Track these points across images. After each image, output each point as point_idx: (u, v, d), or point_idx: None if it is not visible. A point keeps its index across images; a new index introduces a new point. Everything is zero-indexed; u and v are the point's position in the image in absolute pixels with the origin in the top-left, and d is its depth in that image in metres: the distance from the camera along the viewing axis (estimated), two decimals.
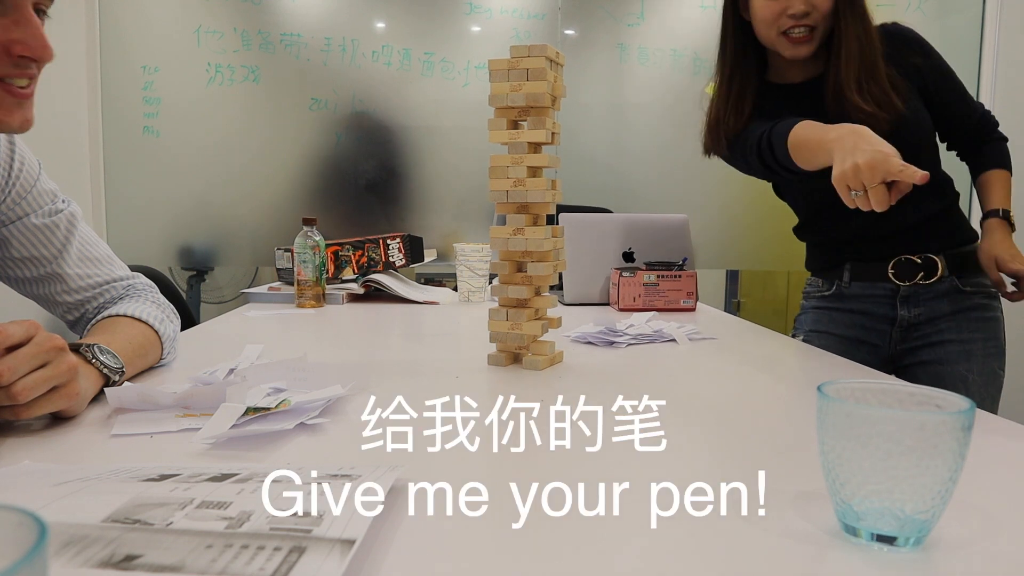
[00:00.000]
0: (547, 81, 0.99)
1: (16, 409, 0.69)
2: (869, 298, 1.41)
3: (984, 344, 1.37)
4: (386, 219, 2.79)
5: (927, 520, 0.46)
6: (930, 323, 1.38)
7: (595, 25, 2.83)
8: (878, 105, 1.28)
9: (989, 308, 1.38)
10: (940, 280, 1.37)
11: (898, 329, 1.40)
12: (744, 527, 0.51)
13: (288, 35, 2.69)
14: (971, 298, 1.37)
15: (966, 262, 1.38)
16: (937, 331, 1.38)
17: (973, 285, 1.37)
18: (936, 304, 1.38)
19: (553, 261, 1.05)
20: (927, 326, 1.39)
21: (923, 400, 0.50)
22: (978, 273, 1.38)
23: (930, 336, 1.39)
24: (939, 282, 1.37)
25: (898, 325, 1.40)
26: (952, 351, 1.37)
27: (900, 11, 2.93)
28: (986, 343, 1.37)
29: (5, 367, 0.66)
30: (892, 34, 1.38)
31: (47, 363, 0.70)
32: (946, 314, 1.38)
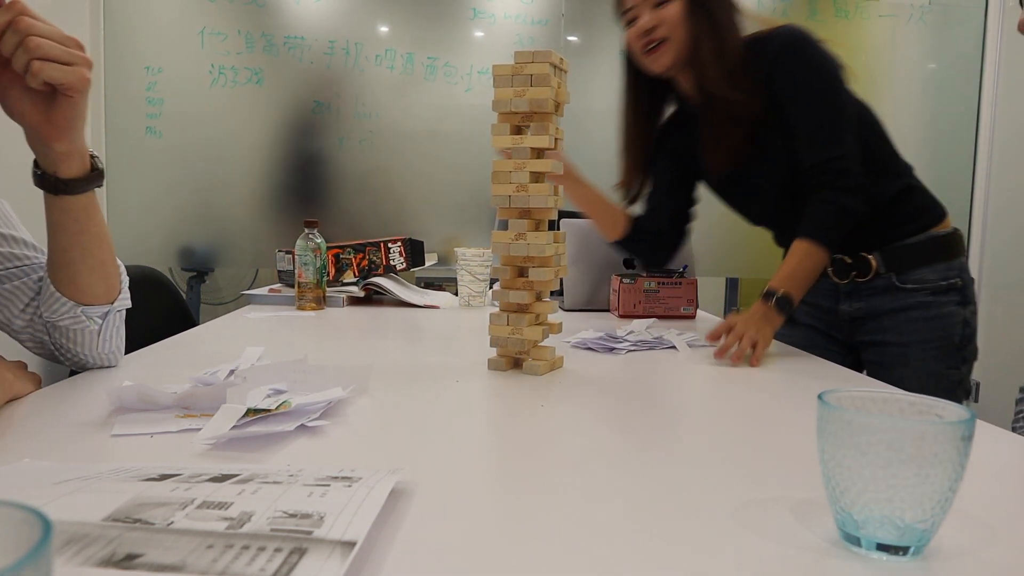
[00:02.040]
0: (551, 87, 1.00)
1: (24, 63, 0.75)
2: (818, 291, 1.42)
3: (922, 347, 1.35)
4: (387, 222, 2.79)
5: (927, 529, 0.46)
6: (873, 319, 1.40)
7: (598, 31, 2.84)
8: (747, 92, 1.29)
9: (935, 306, 1.35)
10: (877, 276, 1.37)
11: (846, 321, 1.44)
12: (743, 535, 0.51)
13: (292, 38, 2.70)
14: (912, 295, 1.36)
15: (905, 258, 1.36)
16: (880, 329, 1.39)
17: (914, 281, 1.36)
18: (876, 300, 1.39)
19: (554, 266, 1.06)
20: (871, 322, 1.41)
21: (924, 409, 0.50)
22: (920, 268, 1.35)
23: (874, 333, 1.41)
24: (876, 278, 1.37)
25: (844, 318, 1.43)
26: (890, 354, 1.38)
27: (902, 21, 2.94)
28: (925, 345, 1.34)
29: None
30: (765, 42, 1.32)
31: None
32: (886, 311, 1.38)
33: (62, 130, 0.82)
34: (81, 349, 0.97)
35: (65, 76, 0.78)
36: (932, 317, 1.35)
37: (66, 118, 0.82)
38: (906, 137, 2.96)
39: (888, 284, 1.37)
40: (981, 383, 2.94)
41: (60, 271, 0.91)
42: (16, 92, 0.80)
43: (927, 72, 2.98)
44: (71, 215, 0.88)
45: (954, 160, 2.99)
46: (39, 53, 0.76)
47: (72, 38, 0.79)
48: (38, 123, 0.81)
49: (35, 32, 0.76)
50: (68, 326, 0.93)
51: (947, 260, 1.37)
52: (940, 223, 1.39)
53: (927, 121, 2.99)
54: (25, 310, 0.95)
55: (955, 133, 2.98)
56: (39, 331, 0.96)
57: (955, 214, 2.96)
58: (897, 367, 1.37)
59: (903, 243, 1.36)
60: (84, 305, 0.93)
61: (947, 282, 1.35)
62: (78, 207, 0.88)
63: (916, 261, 1.36)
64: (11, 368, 0.85)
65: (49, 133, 0.82)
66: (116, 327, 0.99)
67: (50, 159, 0.84)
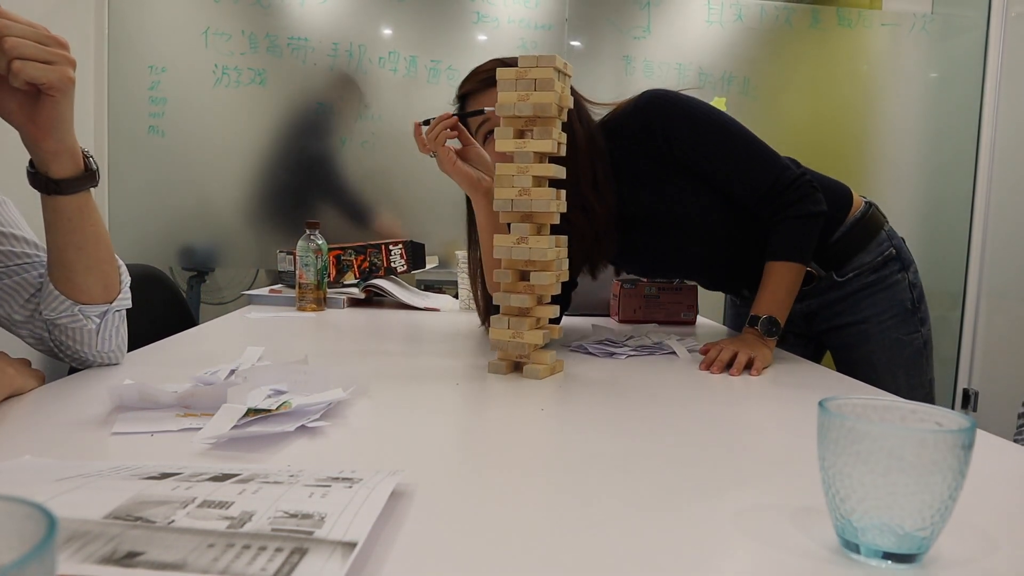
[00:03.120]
0: (555, 92, 1.00)
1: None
2: None
3: (878, 321, 1.39)
4: (388, 225, 2.79)
5: (926, 537, 0.46)
6: (826, 308, 1.44)
7: (601, 37, 2.84)
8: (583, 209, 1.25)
9: (878, 283, 1.39)
10: (819, 280, 1.41)
11: (800, 318, 1.46)
12: (743, 541, 0.51)
13: (295, 39, 2.71)
14: (856, 280, 1.40)
15: (836, 255, 1.39)
16: (834, 315, 1.43)
17: (853, 269, 1.39)
18: (824, 296, 1.43)
19: (556, 271, 1.06)
20: (824, 311, 1.45)
21: (924, 417, 0.50)
22: (854, 256, 1.38)
23: (830, 320, 1.45)
24: (818, 282, 1.41)
25: (798, 316, 1.44)
26: (850, 333, 1.42)
27: (905, 30, 2.95)
28: (881, 318, 1.39)
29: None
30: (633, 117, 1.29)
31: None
32: (836, 299, 1.42)
33: (46, 130, 0.82)
34: (80, 347, 0.97)
35: (46, 75, 0.78)
36: (880, 291, 1.40)
37: (50, 118, 0.82)
38: (907, 146, 2.98)
39: (831, 282, 1.41)
40: (980, 392, 2.95)
41: (57, 270, 0.91)
42: (2, 93, 0.80)
43: (929, 81, 2.99)
44: (64, 215, 0.88)
45: (955, 170, 2.99)
46: (16, 53, 0.76)
47: (54, 37, 0.79)
48: (24, 123, 0.82)
49: (12, 33, 0.76)
50: (66, 324, 0.94)
51: (874, 236, 1.40)
52: (852, 205, 1.41)
53: (928, 130, 2.99)
54: (25, 306, 0.95)
55: (956, 143, 2.99)
56: (39, 328, 0.96)
57: (955, 223, 2.99)
58: (861, 345, 1.41)
59: (829, 242, 1.38)
60: (82, 304, 0.93)
61: (882, 256, 1.39)
62: (72, 207, 0.88)
63: (848, 253, 1.39)
64: (13, 364, 0.85)
65: (35, 133, 0.83)
66: (116, 326, 0.99)
67: (41, 159, 0.85)
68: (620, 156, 1.30)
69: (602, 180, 1.27)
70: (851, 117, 2.96)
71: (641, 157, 1.30)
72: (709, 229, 1.34)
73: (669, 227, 1.35)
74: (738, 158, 1.27)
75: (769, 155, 1.29)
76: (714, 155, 1.27)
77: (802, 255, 1.25)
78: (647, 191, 1.32)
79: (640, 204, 1.33)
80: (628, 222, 1.34)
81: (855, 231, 1.39)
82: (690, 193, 1.31)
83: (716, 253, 1.38)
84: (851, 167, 2.96)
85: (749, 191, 1.28)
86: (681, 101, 1.29)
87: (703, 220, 1.33)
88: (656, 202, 1.32)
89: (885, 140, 2.99)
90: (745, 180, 1.27)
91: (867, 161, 2.99)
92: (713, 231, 1.35)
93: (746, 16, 2.88)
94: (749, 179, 1.27)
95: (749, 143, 1.28)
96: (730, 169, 1.28)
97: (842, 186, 1.42)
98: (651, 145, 1.29)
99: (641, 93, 1.31)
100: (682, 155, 1.28)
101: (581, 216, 1.26)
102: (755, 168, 1.27)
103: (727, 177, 1.29)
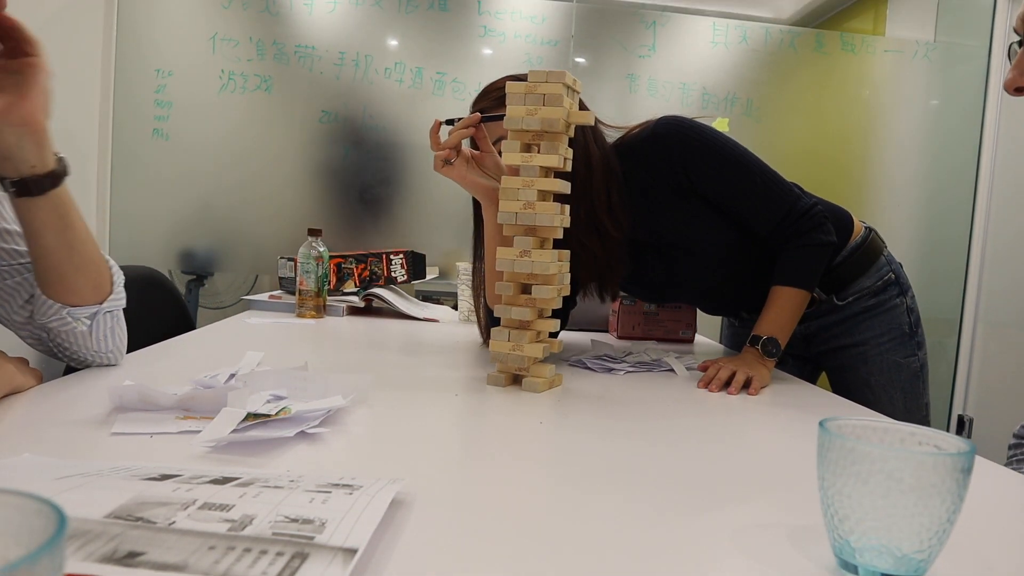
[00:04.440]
0: (563, 107, 1.01)
1: None
2: None
3: (877, 343, 1.40)
4: (389, 234, 2.80)
5: (923, 560, 0.47)
6: (824, 331, 1.45)
7: (606, 55, 2.87)
8: (597, 232, 1.26)
9: (877, 307, 1.40)
10: (819, 304, 1.42)
11: (799, 340, 1.46)
12: (740, 560, 0.51)
13: (302, 47, 2.72)
14: (856, 304, 1.41)
15: (838, 280, 1.40)
16: (832, 337, 1.44)
17: (854, 293, 1.40)
18: (823, 318, 1.43)
19: (558, 285, 1.06)
20: (822, 333, 1.45)
21: (924, 440, 0.51)
22: (854, 280, 1.40)
23: (828, 342, 1.45)
24: (819, 305, 1.42)
25: (797, 338, 1.43)
26: (849, 355, 1.43)
27: (907, 57, 2.98)
28: (878, 340, 1.40)
29: None
30: (650, 143, 1.29)
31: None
32: (835, 322, 1.43)
33: (44, 111, 0.82)
34: (76, 348, 0.97)
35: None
36: (879, 314, 1.41)
37: (42, 97, 0.82)
38: (906, 172, 3.00)
39: (831, 305, 1.42)
40: (975, 419, 2.95)
41: (47, 273, 0.90)
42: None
43: (930, 108, 3.01)
44: (57, 212, 0.87)
45: (954, 196, 3.01)
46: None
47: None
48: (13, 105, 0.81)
49: None
50: (57, 328, 0.94)
51: (874, 261, 1.41)
52: (853, 231, 1.42)
53: (928, 157, 3.01)
54: (24, 308, 0.95)
55: (955, 170, 3.01)
56: (38, 328, 0.96)
57: (953, 250, 3.00)
58: (859, 366, 1.42)
59: (830, 267, 1.38)
60: (71, 306, 0.92)
61: (882, 281, 1.40)
62: (65, 200, 0.87)
63: (849, 277, 1.40)
64: (13, 362, 0.85)
65: (31, 115, 0.82)
66: (110, 327, 0.99)
67: (32, 151, 0.83)
68: (633, 180, 1.30)
69: (616, 204, 1.27)
70: (852, 141, 2.98)
71: (655, 183, 1.30)
72: (717, 255, 1.35)
73: (678, 253, 1.35)
74: (754, 191, 1.28)
75: (783, 186, 1.30)
76: (731, 186, 1.28)
77: (809, 282, 1.27)
78: (658, 217, 1.32)
79: (650, 229, 1.33)
80: (637, 247, 1.34)
81: (856, 256, 1.40)
82: (701, 220, 1.32)
83: (721, 278, 1.39)
84: (851, 191, 2.97)
85: (763, 221, 1.29)
86: (699, 130, 1.28)
87: (712, 247, 1.34)
88: (667, 228, 1.33)
89: (885, 165, 3.01)
90: (760, 211, 1.29)
91: (866, 186, 3.01)
92: (721, 257, 1.35)
93: (751, 38, 2.90)
94: (764, 210, 1.28)
95: (764, 175, 1.29)
96: (746, 200, 1.29)
97: (844, 211, 1.43)
98: (667, 172, 1.28)
99: (659, 119, 1.30)
100: (699, 184, 1.28)
101: (595, 239, 1.26)
102: (771, 200, 1.28)
103: (742, 207, 1.29)
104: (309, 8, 2.72)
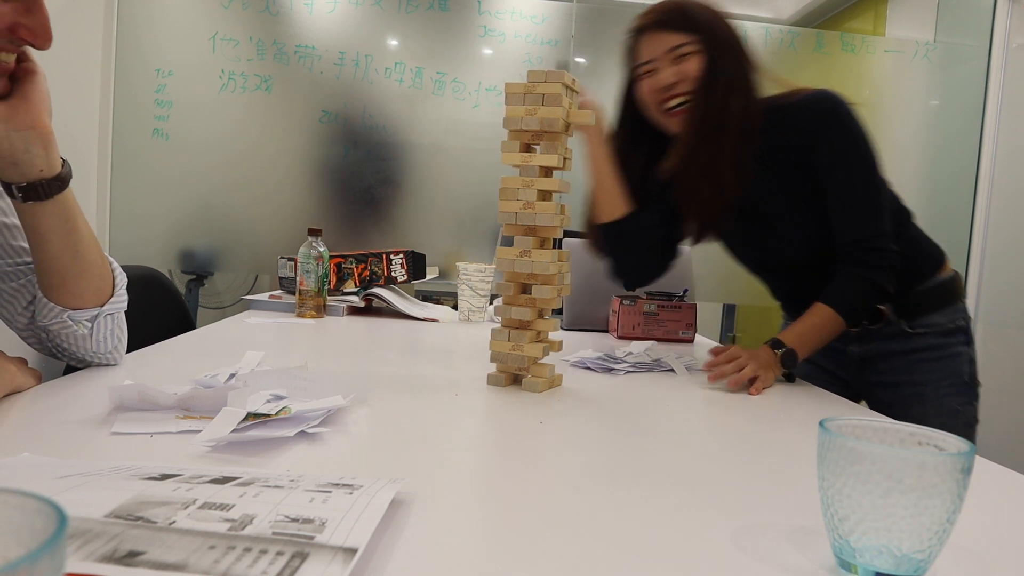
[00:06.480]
0: (562, 107, 1.01)
1: None
2: None
3: (937, 386, 1.36)
4: (389, 234, 2.80)
5: (923, 560, 0.47)
6: (884, 360, 1.40)
7: (606, 55, 2.87)
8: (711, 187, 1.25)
9: (945, 347, 1.37)
10: (887, 323, 1.38)
11: (855, 363, 1.43)
12: (740, 559, 0.51)
13: (303, 47, 2.72)
14: (922, 339, 1.37)
15: (915, 306, 1.37)
16: (891, 369, 1.40)
17: (924, 326, 1.37)
18: (885, 344, 1.40)
19: (558, 285, 1.06)
20: (881, 363, 1.41)
21: (924, 440, 0.51)
22: (929, 313, 1.37)
23: (884, 375, 1.41)
24: (886, 325, 1.38)
25: (854, 359, 1.42)
26: (905, 394, 1.38)
27: (908, 57, 2.98)
28: (939, 384, 1.36)
29: None
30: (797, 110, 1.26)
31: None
32: (897, 353, 1.39)
33: (47, 110, 0.84)
34: (76, 349, 0.97)
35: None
36: (943, 357, 1.36)
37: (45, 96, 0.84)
38: (906, 172, 3.00)
39: (898, 329, 1.38)
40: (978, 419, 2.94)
41: (49, 278, 0.91)
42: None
43: (930, 108, 3.01)
44: (62, 217, 0.87)
45: (953, 197, 3.01)
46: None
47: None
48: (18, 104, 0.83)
49: None
50: (58, 330, 0.94)
51: (953, 303, 1.39)
52: (943, 267, 1.40)
53: (928, 158, 3.01)
54: (25, 311, 0.95)
55: (956, 171, 3.01)
56: (38, 329, 0.96)
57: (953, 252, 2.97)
58: (915, 405, 1.37)
59: (912, 291, 1.36)
60: (72, 310, 0.92)
61: (954, 324, 1.37)
62: (71, 204, 0.88)
63: (926, 307, 1.37)
64: (13, 361, 0.85)
65: (37, 117, 0.83)
66: (111, 329, 0.99)
67: (39, 153, 0.83)
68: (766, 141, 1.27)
69: (743, 163, 1.25)
70: None
71: (782, 149, 1.27)
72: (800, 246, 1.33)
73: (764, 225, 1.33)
74: (854, 194, 1.26)
75: (881, 211, 1.27)
76: (842, 175, 1.25)
77: (852, 314, 1.25)
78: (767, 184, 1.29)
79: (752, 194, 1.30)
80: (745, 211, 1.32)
81: (938, 290, 1.37)
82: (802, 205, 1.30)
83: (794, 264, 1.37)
84: None
85: (843, 227, 1.26)
86: (850, 112, 1.26)
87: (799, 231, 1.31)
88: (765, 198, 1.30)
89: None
90: (847, 215, 1.26)
91: None
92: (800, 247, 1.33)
93: (751, 38, 2.89)
94: (851, 217, 1.26)
95: (876, 187, 1.27)
96: (843, 196, 1.26)
97: (939, 249, 1.41)
98: (800, 141, 1.25)
99: (817, 89, 1.28)
100: (817, 157, 1.25)
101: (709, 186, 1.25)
102: (863, 212, 1.26)
103: (836, 202, 1.27)
104: (309, 8, 2.72)
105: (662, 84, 1.25)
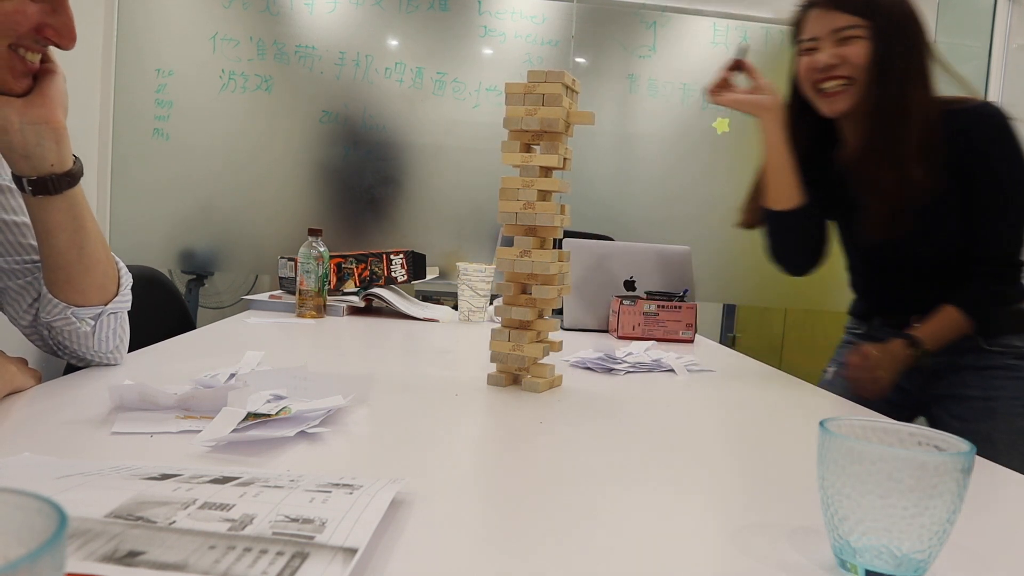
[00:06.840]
0: (562, 107, 1.01)
1: None
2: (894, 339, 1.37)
3: (1009, 403, 1.32)
4: (389, 234, 2.80)
5: (923, 560, 0.47)
6: (954, 373, 1.36)
7: (607, 55, 2.87)
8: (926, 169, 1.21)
9: (1017, 369, 1.33)
10: (965, 337, 1.32)
11: (922, 374, 1.37)
12: (740, 559, 0.51)
13: (303, 47, 2.72)
14: (998, 357, 1.33)
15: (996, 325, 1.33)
16: (961, 383, 1.35)
17: (1001, 345, 1.33)
18: (958, 357, 1.34)
19: (558, 285, 1.06)
20: (951, 375, 1.36)
21: (924, 440, 0.51)
22: (1007, 334, 1.33)
23: (954, 387, 1.36)
24: (964, 339, 1.32)
25: (921, 370, 1.35)
26: (976, 408, 1.34)
27: None
28: (1012, 402, 1.32)
29: None
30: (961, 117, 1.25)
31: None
32: (969, 367, 1.34)
33: (62, 106, 0.87)
34: (77, 347, 0.97)
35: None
36: (1017, 378, 1.33)
37: (60, 92, 0.87)
38: None
39: (974, 344, 1.34)
40: None
41: (56, 273, 0.92)
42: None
43: None
44: (71, 213, 0.89)
45: None
46: None
47: None
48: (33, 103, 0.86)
49: None
50: (61, 327, 0.94)
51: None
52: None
53: None
54: (31, 308, 0.96)
55: None
56: (41, 327, 0.96)
57: None
58: (983, 420, 1.33)
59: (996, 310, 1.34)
60: (76, 307, 0.93)
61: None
62: (79, 199, 0.89)
63: (1007, 328, 1.34)
64: (13, 361, 0.85)
65: (50, 114, 0.86)
66: (113, 328, 0.99)
67: (51, 148, 0.87)
68: None
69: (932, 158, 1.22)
70: None
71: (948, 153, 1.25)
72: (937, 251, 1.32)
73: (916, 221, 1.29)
74: (1011, 210, 1.26)
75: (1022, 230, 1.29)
76: (994, 192, 1.25)
77: (980, 321, 1.27)
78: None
79: None
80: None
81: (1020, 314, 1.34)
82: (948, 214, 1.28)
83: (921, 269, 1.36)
84: None
85: (985, 242, 1.27)
86: (1012, 129, 1.26)
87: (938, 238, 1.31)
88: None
89: None
90: (991, 231, 1.27)
91: None
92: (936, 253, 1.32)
93: (751, 38, 2.90)
94: (994, 234, 1.27)
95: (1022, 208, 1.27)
96: (991, 212, 1.26)
97: None
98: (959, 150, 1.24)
99: (983, 101, 1.29)
100: (972, 168, 1.24)
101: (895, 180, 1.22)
102: (1007, 231, 1.27)
103: (983, 215, 1.27)
104: (309, 8, 2.72)
105: (820, 64, 1.24)
